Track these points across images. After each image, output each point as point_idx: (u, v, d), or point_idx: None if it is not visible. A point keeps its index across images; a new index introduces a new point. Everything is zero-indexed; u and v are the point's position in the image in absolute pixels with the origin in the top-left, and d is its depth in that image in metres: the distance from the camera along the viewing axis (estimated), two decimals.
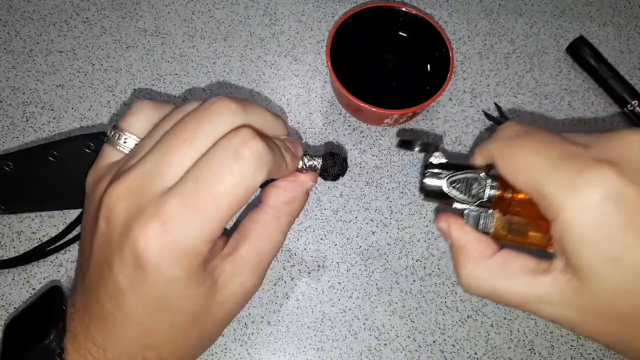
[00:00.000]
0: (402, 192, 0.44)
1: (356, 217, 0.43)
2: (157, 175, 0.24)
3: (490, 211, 0.28)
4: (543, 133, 0.26)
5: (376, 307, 0.41)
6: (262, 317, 0.40)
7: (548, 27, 0.51)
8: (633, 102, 0.46)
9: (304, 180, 0.30)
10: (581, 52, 0.49)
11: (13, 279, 0.40)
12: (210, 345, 0.29)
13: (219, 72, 0.48)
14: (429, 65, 0.45)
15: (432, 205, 0.44)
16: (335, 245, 0.42)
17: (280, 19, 0.50)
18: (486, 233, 0.28)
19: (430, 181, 0.29)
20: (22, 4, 0.49)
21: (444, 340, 0.40)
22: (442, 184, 0.29)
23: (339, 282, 0.41)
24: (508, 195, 0.27)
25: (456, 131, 0.46)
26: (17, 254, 0.40)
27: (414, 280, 0.42)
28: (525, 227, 0.28)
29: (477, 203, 0.28)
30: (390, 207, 0.44)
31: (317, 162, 0.31)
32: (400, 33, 0.46)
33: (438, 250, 0.42)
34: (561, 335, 0.40)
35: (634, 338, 0.24)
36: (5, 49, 0.47)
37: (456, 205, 0.29)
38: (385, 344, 0.40)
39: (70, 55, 0.47)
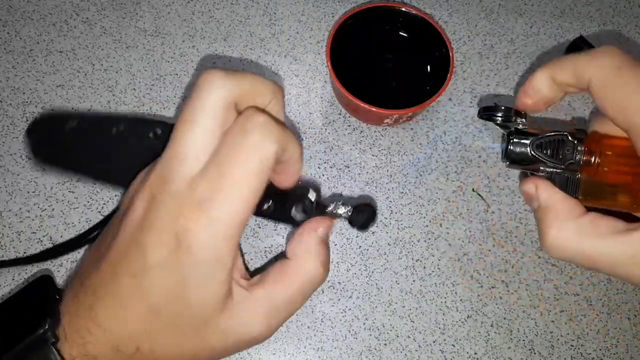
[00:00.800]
0: (402, 192, 0.44)
1: None
2: (178, 160, 0.25)
3: (577, 174, 0.27)
4: None
5: (376, 307, 0.41)
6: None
7: (548, 27, 0.51)
8: None
9: (315, 226, 0.29)
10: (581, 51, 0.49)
11: (13, 279, 0.40)
12: None
13: None
14: (429, 66, 0.45)
15: (431, 205, 0.44)
16: (335, 245, 0.42)
17: (280, 19, 0.50)
18: (574, 197, 0.27)
19: (516, 147, 0.28)
20: (22, 4, 0.49)
21: (444, 340, 0.40)
22: (529, 148, 0.28)
23: (339, 282, 0.41)
24: (596, 157, 0.27)
25: (456, 131, 0.46)
26: (17, 254, 0.40)
27: (414, 280, 0.42)
28: (612, 189, 0.27)
29: (564, 166, 0.27)
30: (390, 207, 0.44)
31: (347, 212, 0.31)
32: (400, 33, 0.46)
33: (438, 250, 0.42)
34: (561, 335, 0.40)
35: None
36: (5, 49, 0.47)
37: (542, 170, 0.28)
38: (385, 344, 0.40)
39: (70, 55, 0.47)
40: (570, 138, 0.27)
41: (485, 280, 0.42)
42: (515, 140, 0.28)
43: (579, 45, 0.49)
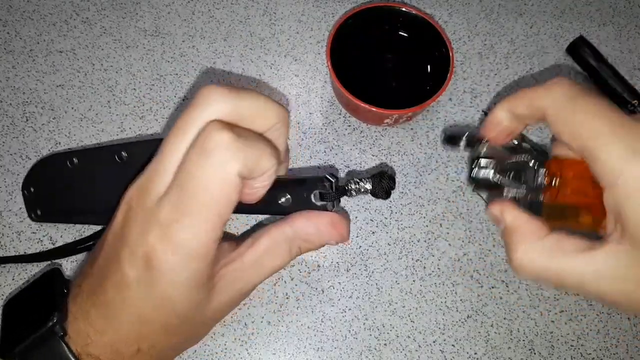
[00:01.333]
0: (402, 192, 0.44)
1: (356, 217, 0.43)
2: (155, 175, 0.25)
3: (540, 197, 0.28)
4: (599, 97, 0.25)
5: (376, 307, 0.41)
6: (262, 317, 0.40)
7: (548, 27, 0.51)
8: (633, 102, 0.46)
9: (332, 231, 0.30)
10: (581, 52, 0.49)
11: (13, 279, 0.40)
12: (196, 343, 0.30)
13: (219, 72, 0.48)
14: (429, 66, 0.45)
15: (431, 205, 0.44)
16: (335, 245, 0.42)
17: (280, 19, 0.50)
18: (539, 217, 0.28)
19: (480, 172, 0.29)
20: (22, 4, 0.49)
21: (444, 340, 0.40)
22: (491, 173, 0.29)
23: (339, 282, 0.41)
24: (556, 180, 0.27)
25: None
26: (16, 254, 0.40)
27: (414, 280, 0.42)
28: (574, 211, 0.28)
29: (527, 190, 0.28)
30: (390, 207, 0.44)
31: (367, 184, 0.31)
32: (400, 33, 0.46)
33: (438, 250, 0.42)
34: (561, 336, 0.40)
35: None
36: (5, 48, 0.47)
37: (506, 193, 0.29)
38: (385, 344, 0.40)
39: (70, 55, 0.47)
40: (532, 163, 0.28)
41: (485, 280, 0.42)
42: (478, 165, 0.29)
43: (579, 45, 0.49)
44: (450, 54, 0.42)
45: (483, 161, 0.29)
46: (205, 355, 0.39)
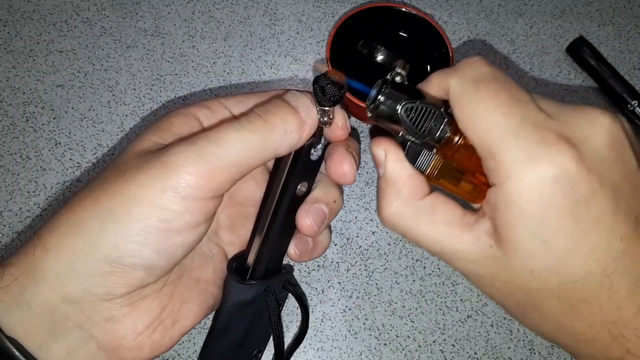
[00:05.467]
0: None
1: (356, 217, 0.43)
2: None
3: (433, 150, 0.26)
4: (512, 86, 0.23)
5: (376, 307, 0.41)
6: None
7: (548, 27, 0.51)
8: (633, 102, 0.46)
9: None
10: (581, 52, 0.49)
11: None
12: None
13: (219, 72, 0.48)
14: (428, 66, 0.45)
15: None
16: (335, 245, 0.42)
17: (281, 19, 0.50)
18: (421, 171, 0.26)
19: (387, 101, 0.25)
20: (22, 4, 0.49)
21: (444, 340, 0.40)
22: (399, 107, 0.25)
23: (339, 282, 0.41)
24: (458, 140, 0.25)
25: None
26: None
27: (413, 280, 0.42)
28: (460, 175, 0.26)
29: (424, 138, 0.25)
30: None
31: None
32: (401, 33, 0.46)
33: None
34: None
35: (533, 311, 0.24)
36: (5, 48, 0.47)
37: (401, 134, 0.26)
38: (385, 344, 0.40)
39: (70, 55, 0.47)
40: (444, 113, 0.25)
41: None
42: (387, 92, 0.25)
43: (579, 45, 0.49)
44: (450, 54, 0.42)
45: (394, 91, 0.25)
46: None
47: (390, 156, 0.26)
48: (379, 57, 0.27)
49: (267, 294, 0.30)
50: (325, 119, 0.27)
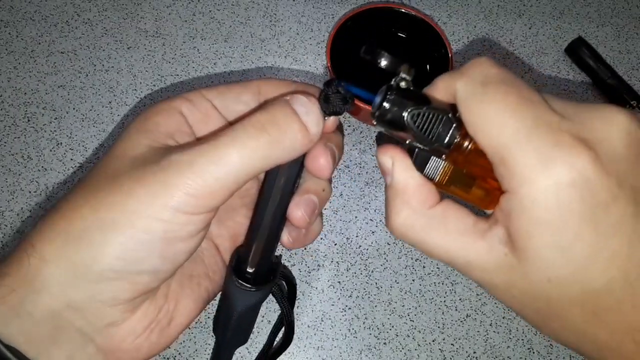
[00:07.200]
0: None
1: (356, 217, 0.43)
2: None
3: (442, 157, 0.25)
4: (522, 87, 0.22)
5: (376, 306, 0.41)
6: (263, 317, 0.40)
7: (547, 28, 0.52)
8: (632, 103, 0.47)
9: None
10: (580, 52, 0.49)
11: None
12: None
13: (219, 73, 0.48)
14: (428, 66, 0.46)
15: None
16: (335, 245, 0.42)
17: (281, 20, 0.50)
18: (430, 179, 0.25)
19: (392, 108, 0.24)
20: (23, 4, 0.49)
21: (443, 339, 0.40)
22: (405, 114, 0.24)
23: (339, 282, 0.41)
24: (468, 145, 0.24)
25: None
26: None
27: (413, 280, 0.42)
28: (471, 181, 0.25)
29: (434, 146, 0.24)
30: None
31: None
32: (400, 34, 0.46)
33: None
34: None
35: (554, 320, 0.23)
36: (7, 49, 0.47)
37: (408, 141, 0.25)
38: (385, 343, 0.40)
39: (71, 56, 0.48)
40: (452, 117, 0.24)
41: None
42: (392, 98, 0.24)
43: (577, 46, 0.49)
44: (450, 55, 0.42)
45: (400, 96, 0.24)
46: (206, 354, 0.39)
47: (397, 164, 0.25)
48: (383, 63, 0.26)
49: (277, 295, 0.30)
50: None
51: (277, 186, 0.28)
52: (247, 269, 0.29)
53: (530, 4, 0.53)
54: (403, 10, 0.44)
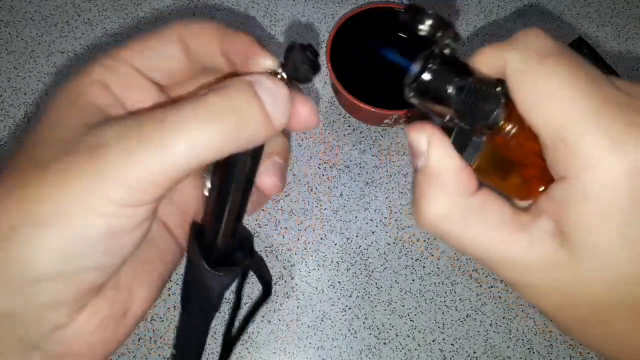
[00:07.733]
0: (402, 192, 0.44)
1: (356, 217, 0.43)
2: None
3: (483, 138, 0.22)
4: (584, 62, 0.19)
5: (376, 306, 0.41)
6: (263, 316, 0.40)
7: (547, 28, 0.51)
8: None
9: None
10: (580, 53, 0.49)
11: None
12: None
13: None
14: None
15: None
16: (335, 245, 0.42)
17: (281, 20, 0.50)
18: (469, 163, 0.22)
19: (434, 78, 0.21)
20: (23, 4, 0.49)
21: (443, 339, 0.40)
22: (449, 87, 0.21)
23: (339, 282, 0.41)
24: (514, 125, 0.21)
25: None
26: None
27: (413, 280, 0.42)
28: (509, 168, 0.23)
29: (478, 124, 0.21)
30: (389, 207, 0.44)
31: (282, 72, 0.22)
32: (400, 34, 0.46)
33: (437, 249, 0.43)
34: (560, 335, 0.41)
35: (597, 327, 0.20)
36: (7, 49, 0.47)
37: (447, 118, 0.22)
38: (385, 343, 0.40)
39: (71, 56, 0.48)
40: (500, 93, 0.21)
41: (484, 279, 0.42)
42: (435, 68, 0.21)
43: (578, 46, 0.49)
44: None
45: (443, 65, 0.21)
46: (206, 354, 0.39)
47: (435, 145, 0.21)
48: (426, 24, 0.22)
49: (257, 272, 0.27)
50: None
51: (242, 159, 0.24)
52: (212, 247, 0.26)
53: (530, 4, 0.53)
54: (403, 10, 0.44)
